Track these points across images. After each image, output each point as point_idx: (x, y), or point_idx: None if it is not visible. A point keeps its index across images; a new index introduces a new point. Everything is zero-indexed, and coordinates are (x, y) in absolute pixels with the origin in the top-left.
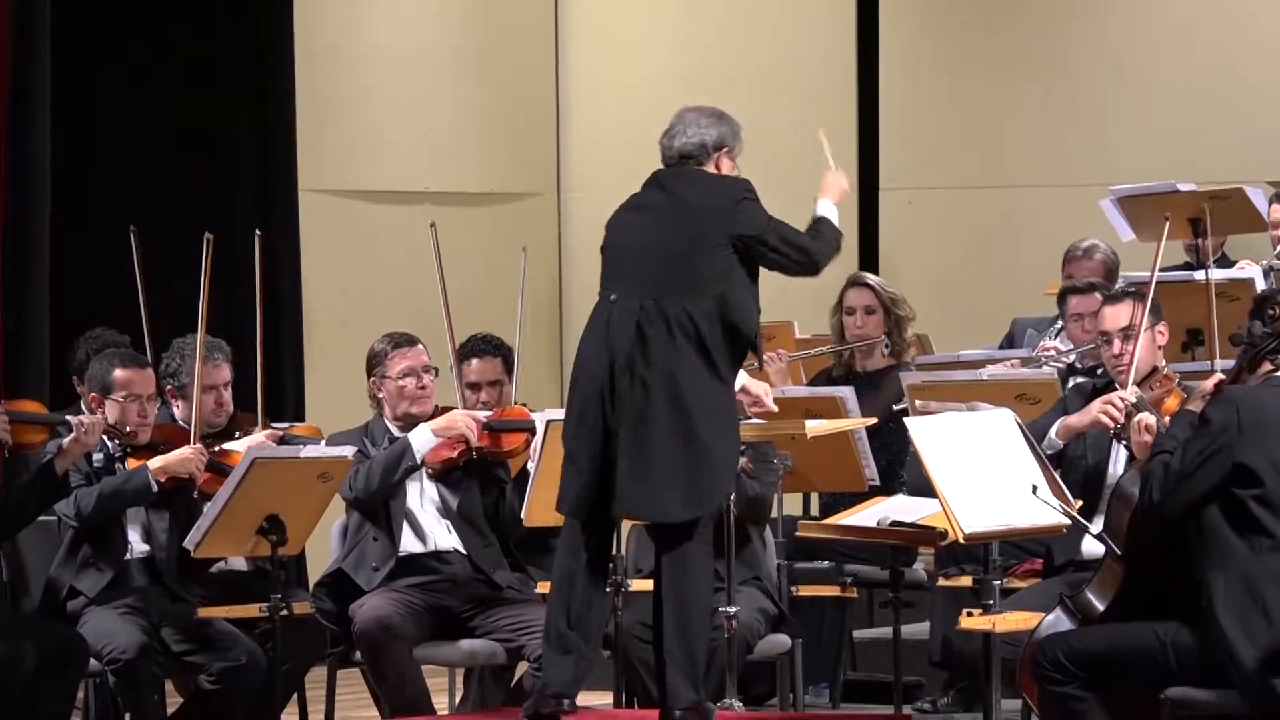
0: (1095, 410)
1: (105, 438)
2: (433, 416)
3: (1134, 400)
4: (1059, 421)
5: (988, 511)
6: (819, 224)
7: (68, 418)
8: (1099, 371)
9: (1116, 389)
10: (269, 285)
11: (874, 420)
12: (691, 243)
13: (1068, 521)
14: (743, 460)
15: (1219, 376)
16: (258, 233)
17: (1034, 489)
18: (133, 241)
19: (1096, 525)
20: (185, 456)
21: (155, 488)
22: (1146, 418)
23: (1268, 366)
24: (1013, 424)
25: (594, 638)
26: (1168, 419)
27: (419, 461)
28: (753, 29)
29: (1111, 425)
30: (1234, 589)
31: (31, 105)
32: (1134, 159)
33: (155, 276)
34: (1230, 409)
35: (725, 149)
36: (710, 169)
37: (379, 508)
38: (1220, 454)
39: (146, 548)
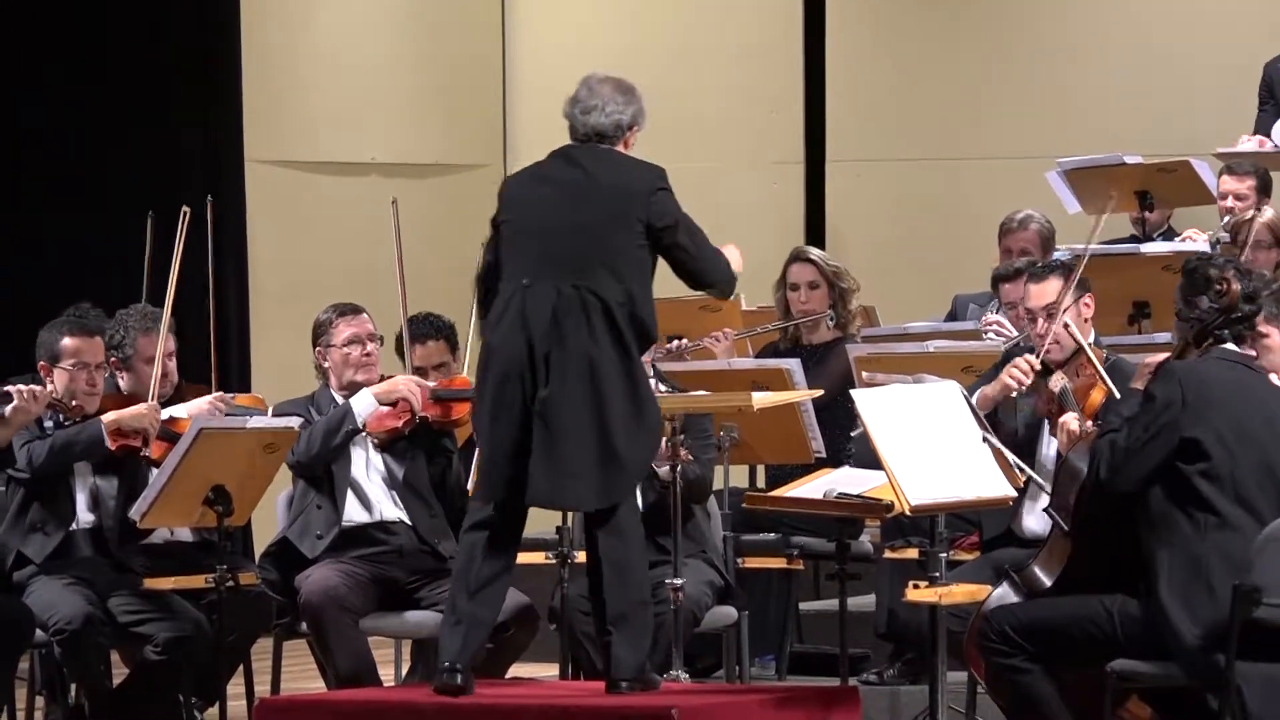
0: (1004, 375)
1: (51, 412)
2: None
3: (1058, 390)
4: (977, 392)
5: (934, 483)
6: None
7: (8, 387)
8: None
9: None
10: (215, 256)
11: (820, 392)
12: (608, 227)
13: (1014, 494)
14: (683, 451)
15: (1163, 355)
16: (209, 199)
17: (984, 439)
18: (149, 226)
19: (1042, 501)
20: (140, 412)
21: (107, 441)
22: (1069, 421)
23: (1211, 343)
24: (959, 396)
25: (491, 610)
26: (1089, 422)
27: (359, 425)
28: (701, 1)
29: (1017, 388)
30: (1179, 566)
31: None
32: (1080, 131)
33: (100, 250)
34: (1174, 384)
35: (634, 127)
36: (620, 148)
37: (322, 475)
38: (1166, 429)
39: (93, 518)
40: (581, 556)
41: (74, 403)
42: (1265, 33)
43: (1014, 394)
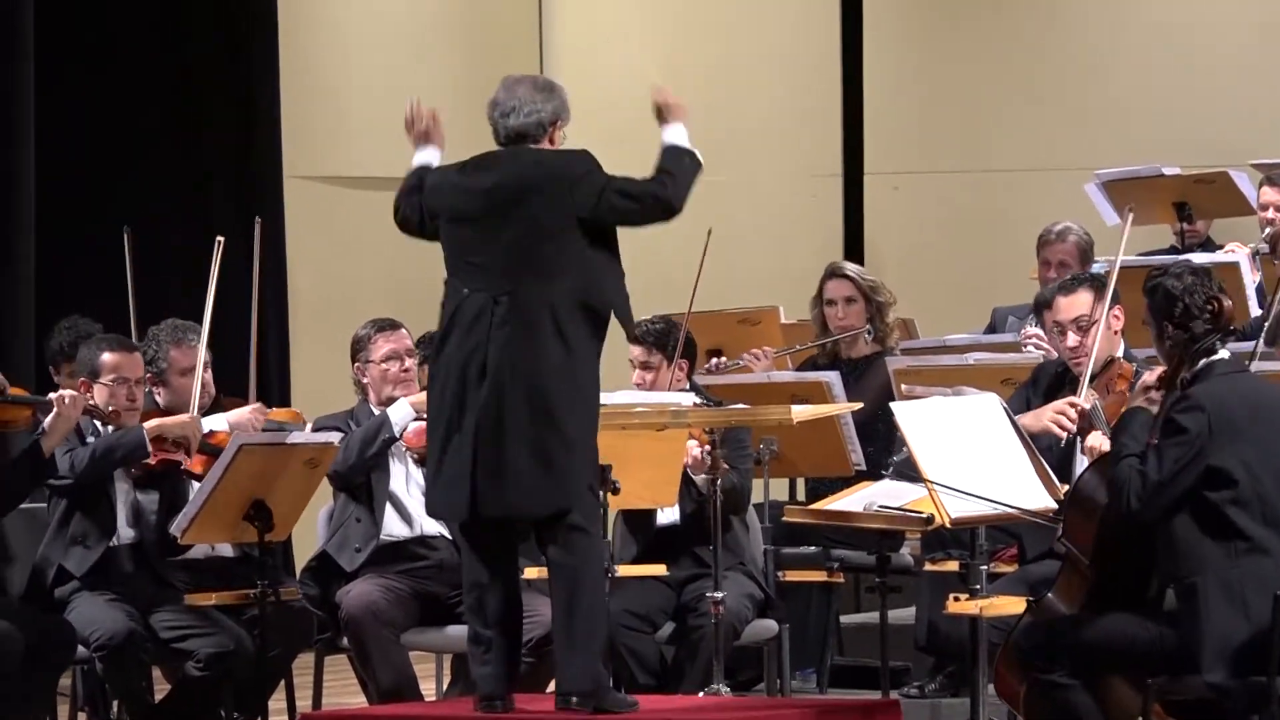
0: (1047, 418)
1: (94, 421)
2: None
3: (1088, 407)
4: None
5: (955, 497)
6: (667, 158)
7: (49, 396)
8: None
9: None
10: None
11: (859, 405)
12: (536, 229)
13: (1055, 506)
14: (722, 465)
15: (1160, 370)
16: (258, 220)
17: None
18: (125, 243)
19: None
20: (183, 420)
21: (149, 448)
22: (1096, 442)
23: (1203, 354)
24: (999, 408)
25: (514, 632)
26: None
27: (396, 435)
28: (738, 11)
29: (1062, 435)
30: (1214, 592)
31: (14, 97)
32: (1118, 143)
33: (141, 266)
34: (1202, 414)
35: (558, 122)
36: (545, 145)
37: (360, 487)
38: (1197, 459)
39: (134, 533)
40: (622, 570)
41: (112, 410)
42: None
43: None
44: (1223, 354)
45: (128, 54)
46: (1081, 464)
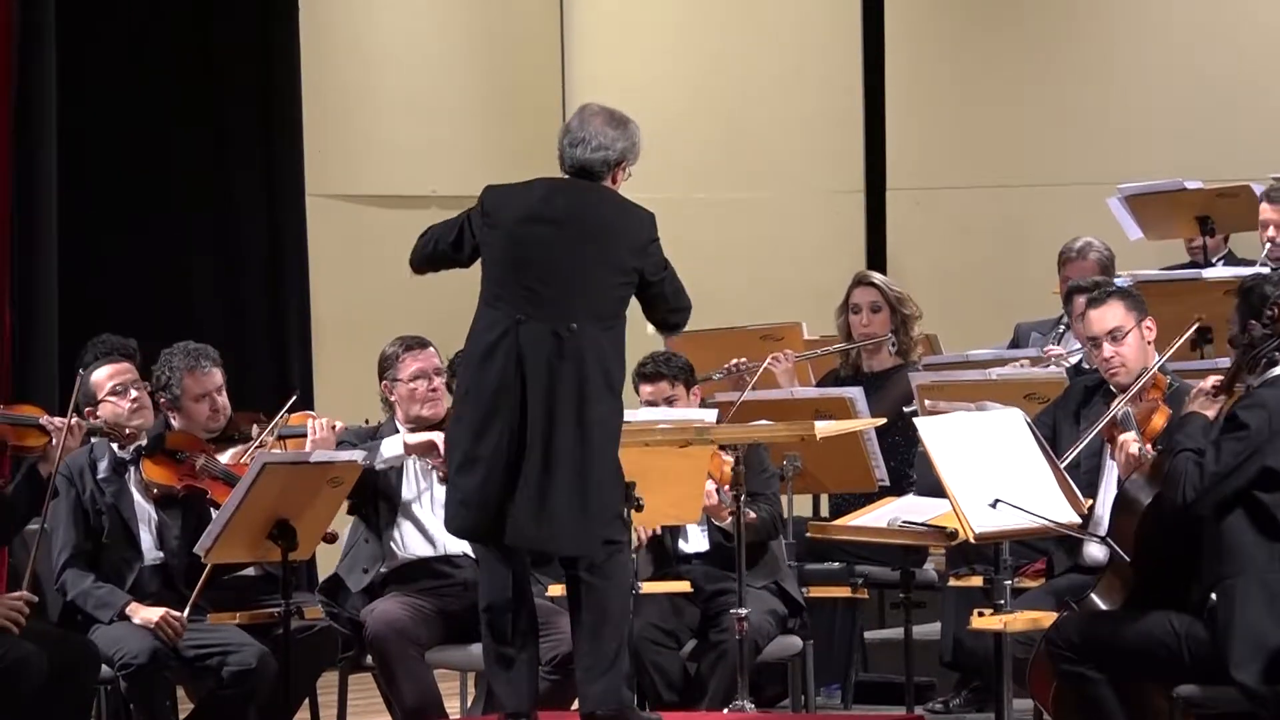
0: (1119, 463)
1: (110, 444)
2: (446, 420)
3: (1119, 416)
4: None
5: (998, 511)
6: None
7: (41, 421)
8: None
9: (1109, 388)
10: (277, 290)
11: (883, 420)
12: (603, 272)
13: (1079, 521)
14: (750, 514)
15: (1216, 378)
16: None
17: (995, 502)
18: None
19: (1100, 530)
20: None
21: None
22: (1130, 441)
23: (1264, 366)
24: (1022, 423)
25: (534, 648)
26: (1149, 445)
27: (375, 465)
28: (760, 28)
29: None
30: (1254, 594)
31: (37, 112)
32: (1141, 157)
33: (163, 285)
34: (1264, 413)
35: (624, 163)
36: (608, 184)
37: (371, 510)
38: (1255, 456)
39: (160, 555)
40: (646, 587)
41: (126, 431)
42: None
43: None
44: None
45: (150, 74)
46: (1110, 470)
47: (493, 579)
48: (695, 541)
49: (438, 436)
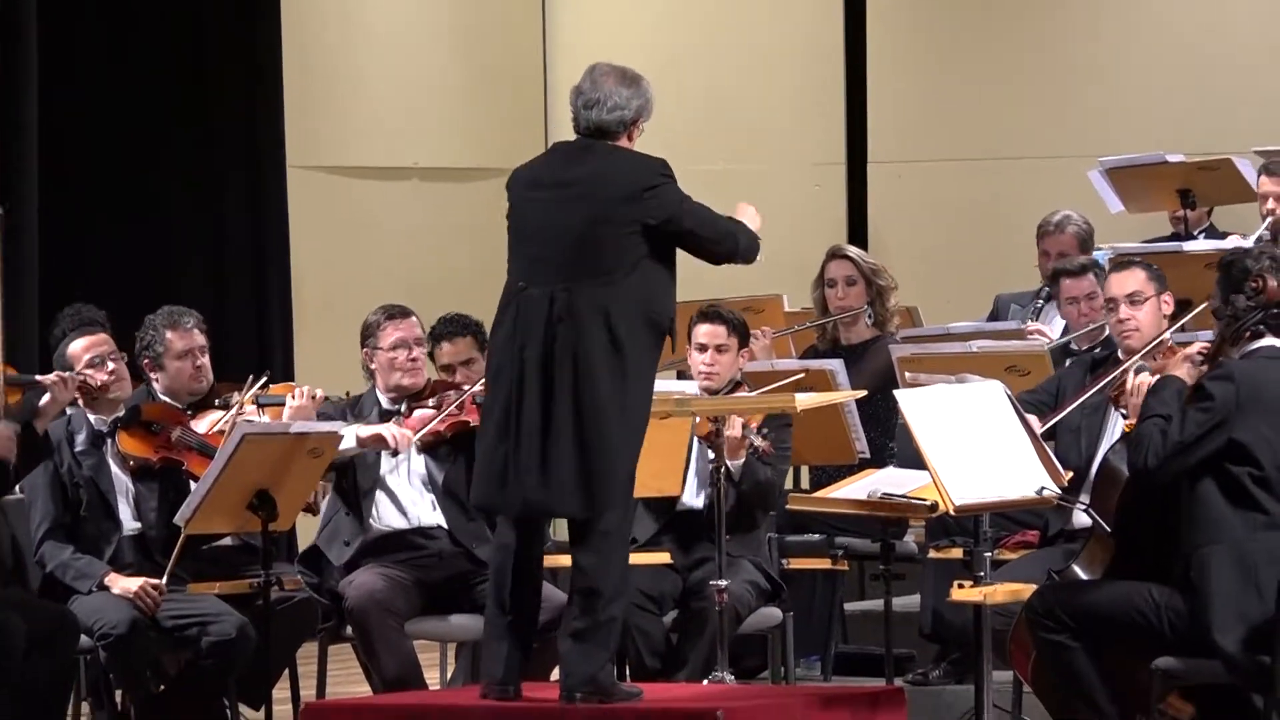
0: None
1: (87, 416)
2: (425, 390)
3: (1135, 370)
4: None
5: (978, 483)
6: (739, 222)
7: (38, 377)
8: (1096, 350)
9: (1119, 357)
10: (258, 261)
11: (864, 393)
12: (601, 229)
13: (1058, 493)
14: (764, 443)
15: (1201, 344)
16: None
17: (1040, 489)
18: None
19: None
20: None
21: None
22: (1143, 378)
23: (1248, 338)
24: (1003, 396)
25: (531, 622)
26: None
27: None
28: (741, 3)
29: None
30: (1228, 565)
31: (20, 85)
32: (1122, 130)
33: (144, 257)
34: (1231, 385)
35: (640, 120)
36: (623, 142)
37: (349, 484)
38: (1220, 428)
39: (138, 525)
40: (634, 558)
41: (109, 397)
42: None
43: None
44: (1274, 342)
45: (131, 45)
46: (1110, 434)
47: (501, 546)
48: (689, 496)
49: (386, 430)
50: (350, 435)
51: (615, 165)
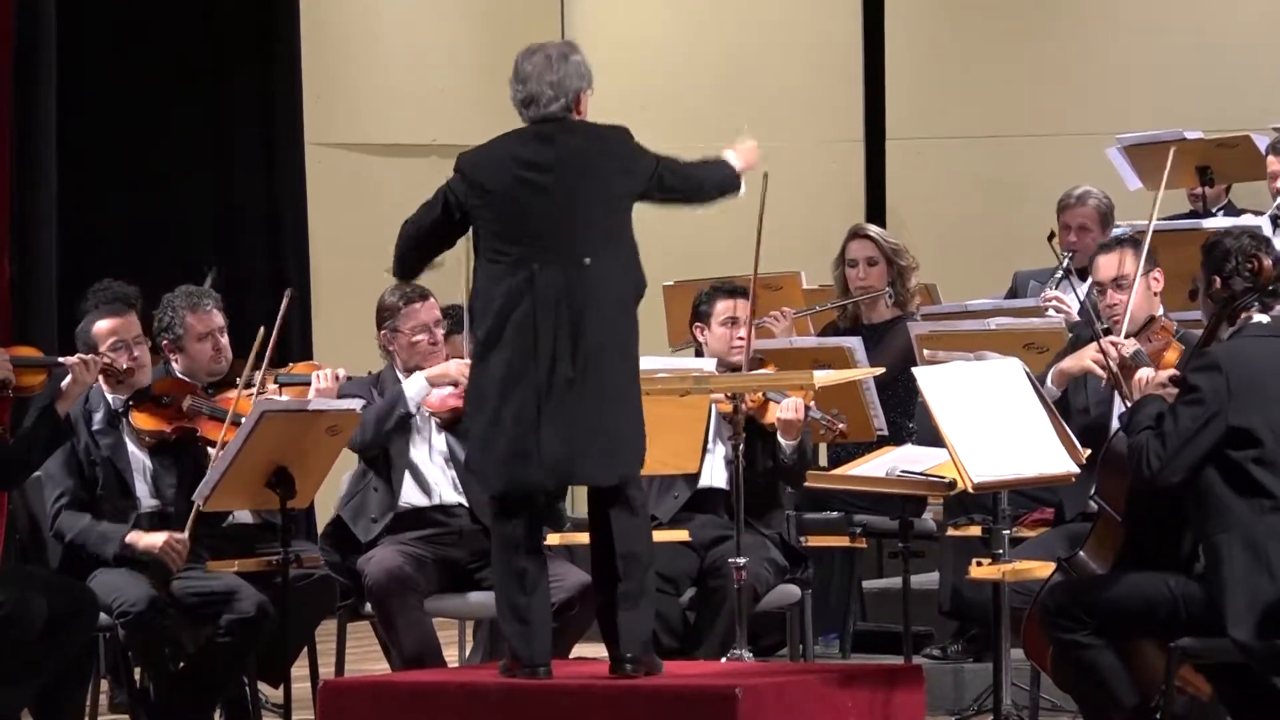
0: (1086, 357)
1: (105, 392)
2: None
3: (1130, 353)
4: (1054, 368)
5: (997, 461)
6: (717, 161)
7: (61, 359)
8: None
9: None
10: (276, 237)
11: (882, 370)
12: (605, 201)
13: (1077, 470)
14: (841, 424)
15: (1172, 371)
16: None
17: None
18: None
19: None
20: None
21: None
22: (1145, 373)
23: (1242, 318)
24: (1021, 373)
25: (548, 599)
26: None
27: (412, 410)
28: None
29: (1102, 373)
30: (1239, 551)
31: (37, 59)
32: (1141, 107)
33: (161, 233)
34: (1218, 374)
35: (580, 94)
36: (576, 115)
37: (379, 457)
38: (1215, 420)
39: (156, 502)
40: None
41: (125, 366)
42: None
43: (1102, 380)
44: (1261, 318)
45: (150, 25)
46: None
47: (508, 529)
48: (716, 476)
49: (452, 365)
50: (419, 380)
51: (601, 141)
